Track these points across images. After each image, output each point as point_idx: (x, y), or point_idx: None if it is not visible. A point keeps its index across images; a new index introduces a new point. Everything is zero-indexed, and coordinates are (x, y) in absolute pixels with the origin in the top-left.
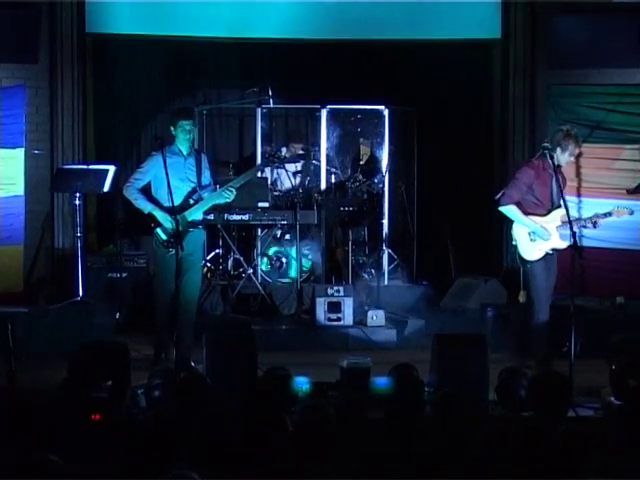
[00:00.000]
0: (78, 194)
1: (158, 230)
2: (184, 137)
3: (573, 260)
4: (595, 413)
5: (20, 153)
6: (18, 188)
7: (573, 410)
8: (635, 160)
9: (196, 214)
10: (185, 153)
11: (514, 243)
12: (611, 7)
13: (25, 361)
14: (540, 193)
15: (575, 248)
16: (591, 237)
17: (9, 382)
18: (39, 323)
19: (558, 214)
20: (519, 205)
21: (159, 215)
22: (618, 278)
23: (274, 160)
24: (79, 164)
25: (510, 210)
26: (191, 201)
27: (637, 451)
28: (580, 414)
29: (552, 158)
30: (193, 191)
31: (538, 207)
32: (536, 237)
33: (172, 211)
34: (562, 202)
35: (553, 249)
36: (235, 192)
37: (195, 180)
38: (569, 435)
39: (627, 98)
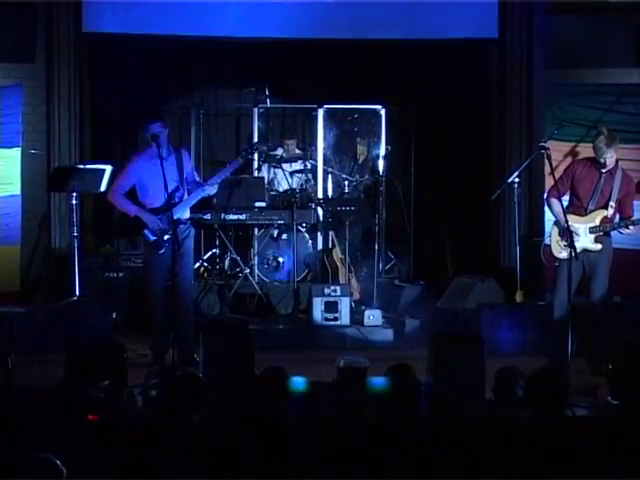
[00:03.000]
0: (75, 194)
1: (146, 231)
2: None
3: (570, 260)
4: (592, 413)
5: (17, 153)
6: (14, 188)
7: (570, 409)
8: (632, 160)
9: (182, 212)
10: (164, 155)
11: (546, 241)
12: (608, 7)
13: (22, 360)
14: (580, 190)
15: (571, 247)
16: None
17: (6, 381)
18: (36, 323)
19: (597, 215)
20: (570, 203)
21: (144, 217)
22: (615, 278)
23: (252, 152)
24: (76, 164)
25: (550, 203)
26: (176, 199)
27: (634, 451)
28: (577, 414)
29: (549, 158)
30: (176, 189)
31: (578, 205)
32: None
33: (162, 210)
34: (612, 204)
35: (585, 250)
36: (217, 185)
37: (177, 178)
38: (566, 434)
39: (624, 98)
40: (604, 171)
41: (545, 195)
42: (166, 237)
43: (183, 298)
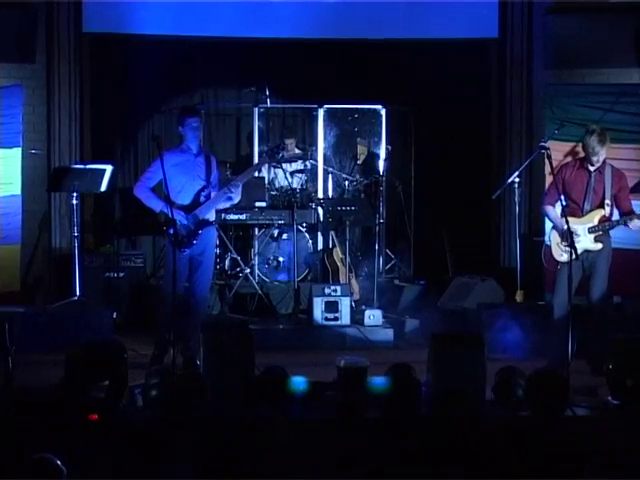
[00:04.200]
0: (75, 194)
1: (171, 230)
2: (193, 134)
3: (570, 261)
4: (592, 412)
5: (17, 153)
6: (15, 188)
7: (570, 409)
8: (632, 160)
9: (207, 212)
10: (195, 151)
11: (547, 243)
12: (608, 7)
13: (22, 361)
14: (573, 193)
15: (571, 247)
16: None
17: (6, 382)
18: (36, 323)
19: (595, 215)
20: (566, 206)
21: (170, 213)
22: (615, 278)
23: (276, 153)
24: (76, 163)
25: (545, 210)
26: (202, 199)
27: (634, 450)
28: (577, 414)
29: (549, 157)
30: (203, 189)
31: (573, 207)
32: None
33: (187, 208)
34: (607, 202)
35: (586, 250)
36: (240, 192)
37: (205, 178)
38: (566, 434)
39: (624, 98)
40: (593, 170)
41: (541, 201)
42: (192, 237)
43: (196, 304)
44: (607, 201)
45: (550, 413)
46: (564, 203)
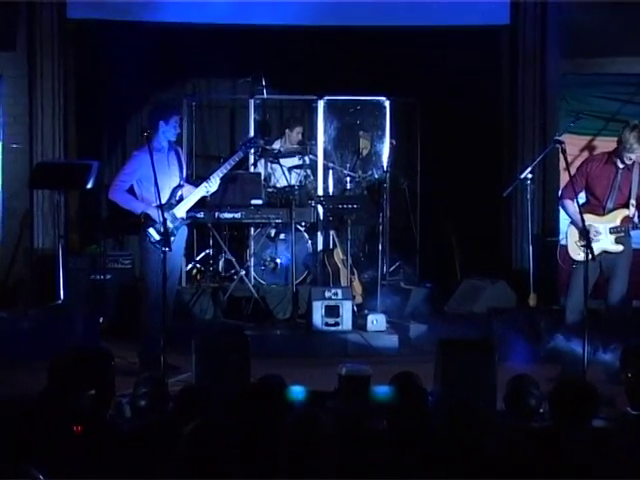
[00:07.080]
0: (59, 191)
1: (150, 230)
2: (175, 132)
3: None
4: (609, 423)
5: None
6: None
7: None
8: None
9: (183, 210)
10: (167, 148)
11: (562, 242)
12: None
13: (3, 368)
14: (597, 188)
15: (587, 248)
16: None
17: None
18: (17, 328)
19: (618, 215)
20: (586, 202)
21: (154, 213)
22: (634, 281)
23: (253, 144)
24: (60, 159)
25: (563, 205)
26: (178, 196)
27: None
28: (594, 424)
29: (564, 152)
30: (179, 186)
31: (594, 204)
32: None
33: (164, 208)
34: (633, 202)
35: (605, 252)
36: (218, 181)
37: (179, 174)
38: (582, 446)
39: None
40: (621, 167)
41: (559, 195)
42: (172, 236)
43: (169, 301)
44: (632, 201)
45: (576, 424)
46: (579, 201)
